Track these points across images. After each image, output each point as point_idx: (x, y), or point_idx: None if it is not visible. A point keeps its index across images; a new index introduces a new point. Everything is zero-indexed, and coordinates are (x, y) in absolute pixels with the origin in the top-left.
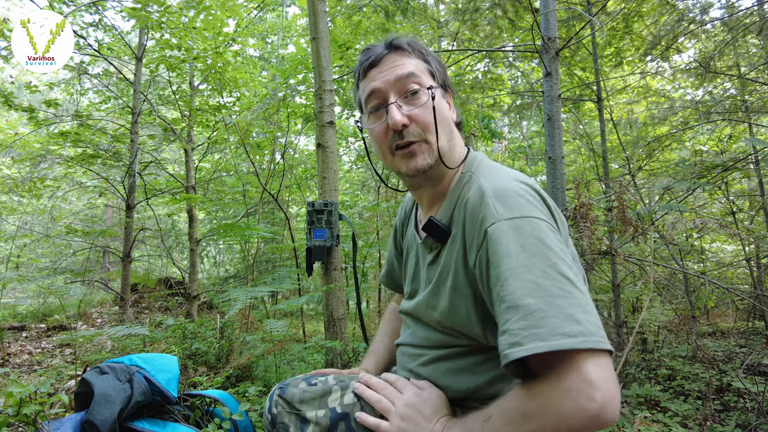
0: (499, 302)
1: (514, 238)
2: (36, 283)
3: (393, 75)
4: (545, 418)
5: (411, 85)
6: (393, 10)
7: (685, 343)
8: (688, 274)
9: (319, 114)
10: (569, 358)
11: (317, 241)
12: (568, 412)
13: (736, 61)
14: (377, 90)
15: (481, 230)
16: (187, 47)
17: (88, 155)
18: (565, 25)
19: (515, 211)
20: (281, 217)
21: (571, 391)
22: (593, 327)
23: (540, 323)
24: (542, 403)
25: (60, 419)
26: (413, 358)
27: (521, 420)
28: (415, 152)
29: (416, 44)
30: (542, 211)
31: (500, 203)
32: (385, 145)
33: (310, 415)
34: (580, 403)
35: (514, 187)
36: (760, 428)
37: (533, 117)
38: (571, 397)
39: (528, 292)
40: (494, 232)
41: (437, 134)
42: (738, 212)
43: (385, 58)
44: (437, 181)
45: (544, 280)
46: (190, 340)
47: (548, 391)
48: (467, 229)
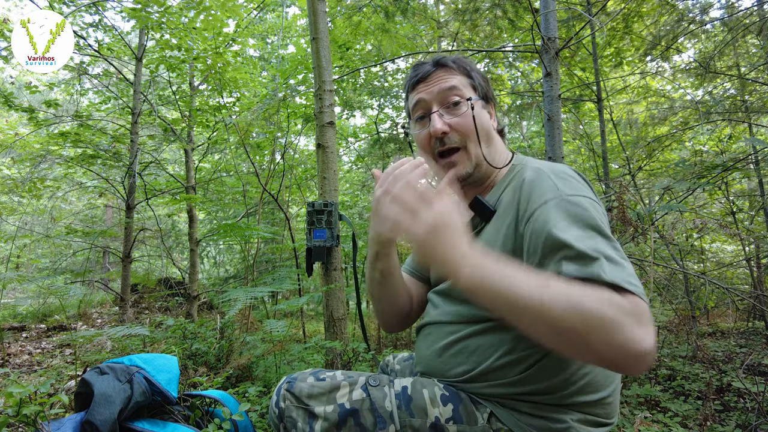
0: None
1: (576, 214)
2: (36, 284)
3: (437, 88)
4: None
5: (453, 97)
6: (393, 10)
7: (685, 343)
8: (688, 274)
9: (319, 114)
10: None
11: (317, 242)
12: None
13: (736, 61)
14: (422, 100)
15: (541, 201)
16: (187, 47)
17: (88, 155)
18: (565, 25)
19: (575, 189)
20: (281, 218)
21: (644, 321)
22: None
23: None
24: (621, 318)
25: (60, 419)
26: (444, 336)
27: (586, 311)
28: (455, 162)
29: (461, 61)
30: (595, 195)
31: (560, 180)
32: (428, 151)
33: (318, 410)
34: (642, 335)
35: (570, 170)
36: (760, 428)
37: (533, 117)
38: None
39: (601, 252)
40: (557, 205)
41: (478, 140)
42: (738, 212)
43: (432, 74)
44: (480, 182)
45: (607, 249)
46: (190, 340)
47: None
48: (521, 202)
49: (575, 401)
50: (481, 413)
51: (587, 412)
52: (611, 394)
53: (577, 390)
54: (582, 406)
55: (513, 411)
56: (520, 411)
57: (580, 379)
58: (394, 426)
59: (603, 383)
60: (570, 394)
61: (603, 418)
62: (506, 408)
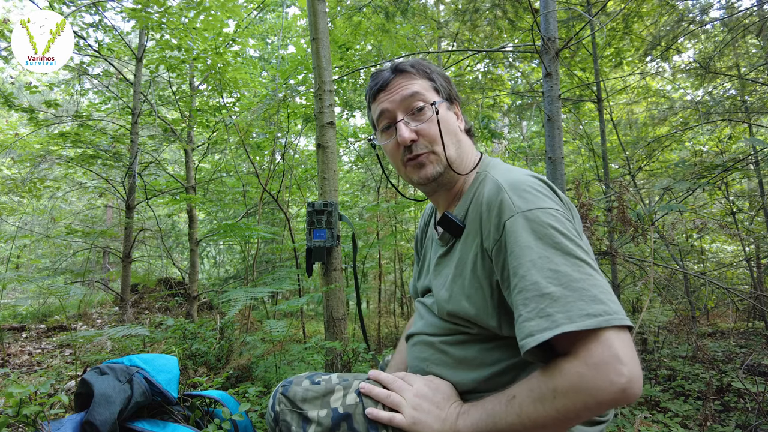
0: (523, 293)
1: (532, 230)
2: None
3: (399, 96)
4: (576, 394)
5: (416, 103)
6: (393, 10)
7: (685, 343)
8: (688, 274)
9: (319, 114)
10: (598, 336)
11: (317, 242)
12: (598, 386)
13: (736, 61)
14: (386, 110)
15: (499, 223)
16: (187, 48)
17: (88, 156)
18: (565, 25)
19: (531, 203)
20: (281, 218)
21: (602, 365)
22: (615, 305)
23: (567, 307)
24: (572, 379)
25: (60, 420)
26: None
27: (551, 397)
28: (424, 162)
29: (420, 64)
30: (555, 202)
31: (516, 196)
32: (398, 159)
33: (312, 414)
34: (610, 377)
35: (528, 180)
36: (760, 429)
37: (533, 117)
38: (602, 371)
39: (551, 281)
40: (513, 224)
41: (444, 144)
42: (738, 212)
43: (392, 81)
44: (450, 185)
45: (564, 267)
46: (190, 340)
47: (579, 367)
48: (484, 222)
49: None
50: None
51: None
52: None
53: None
54: None
55: None
56: None
57: None
58: (386, 431)
59: None
60: None
61: (598, 415)
62: None
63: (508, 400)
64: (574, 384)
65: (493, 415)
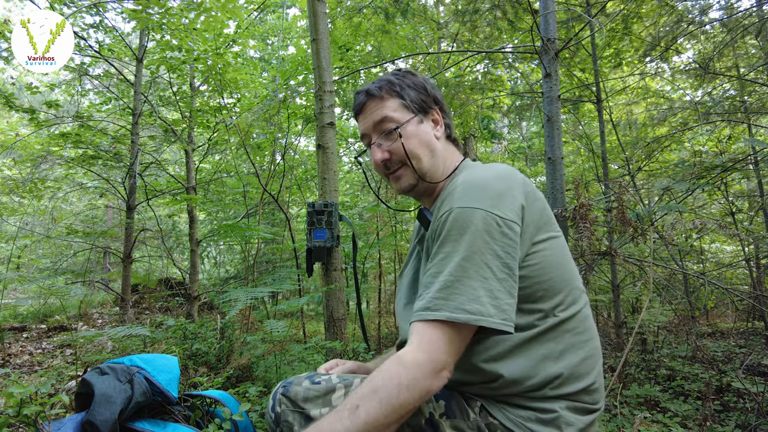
0: (426, 275)
1: (460, 226)
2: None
3: (371, 121)
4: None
5: (386, 125)
6: (393, 11)
7: (685, 343)
8: (687, 274)
9: (319, 115)
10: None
11: (317, 242)
12: (412, 387)
13: (735, 62)
14: (364, 133)
15: (438, 215)
16: (188, 48)
17: (88, 156)
18: (564, 26)
19: (472, 202)
20: (281, 218)
21: (421, 367)
22: (492, 309)
23: (451, 297)
24: (405, 382)
25: (60, 420)
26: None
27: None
28: (399, 176)
29: (389, 84)
30: (498, 205)
31: (463, 194)
32: (381, 173)
33: (314, 413)
34: (414, 380)
35: (486, 180)
36: (759, 429)
37: (533, 118)
38: (421, 370)
39: (451, 271)
40: (446, 218)
41: (411, 160)
42: (737, 213)
43: (365, 106)
44: (430, 191)
45: (467, 262)
46: (191, 340)
47: (411, 361)
48: (435, 216)
49: (561, 393)
50: (472, 407)
51: (575, 400)
52: (595, 380)
53: (561, 383)
54: (569, 395)
55: (502, 405)
56: (510, 404)
57: (558, 375)
58: None
59: (585, 372)
60: (554, 387)
61: (590, 404)
62: (496, 402)
63: (352, 408)
64: (399, 390)
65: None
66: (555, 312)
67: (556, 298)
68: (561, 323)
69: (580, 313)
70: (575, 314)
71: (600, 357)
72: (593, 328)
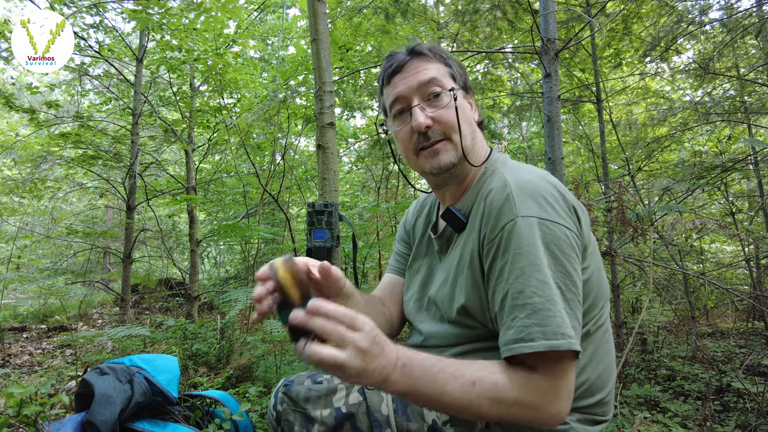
0: (505, 297)
1: (528, 238)
2: (37, 284)
3: (415, 81)
4: (530, 411)
5: (433, 89)
6: (393, 11)
7: (685, 343)
8: (687, 274)
9: (319, 115)
10: (561, 361)
11: (317, 242)
12: (551, 415)
13: (735, 62)
14: (401, 95)
15: (497, 224)
16: (188, 49)
17: (88, 156)
18: (564, 26)
19: (534, 210)
20: (281, 218)
21: (559, 396)
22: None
23: (545, 321)
24: (539, 398)
25: (60, 420)
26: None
27: (508, 404)
28: (438, 150)
29: (437, 49)
30: (561, 214)
31: (521, 200)
32: (410, 147)
33: (315, 414)
34: (557, 411)
35: (538, 185)
36: (759, 429)
37: (533, 118)
38: (559, 400)
39: (535, 291)
40: (511, 228)
41: (461, 133)
42: (737, 213)
43: (408, 64)
44: (461, 178)
45: (552, 281)
46: (191, 340)
47: (546, 388)
48: (484, 220)
49: (576, 406)
50: None
51: (587, 412)
52: (608, 393)
53: (577, 397)
54: (583, 408)
55: None
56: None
57: (578, 387)
58: (390, 430)
59: (601, 386)
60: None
61: (601, 416)
62: None
63: (469, 383)
64: (537, 404)
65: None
66: (587, 325)
67: (593, 312)
68: (588, 336)
69: (604, 325)
70: (600, 326)
71: (615, 368)
72: (612, 341)
